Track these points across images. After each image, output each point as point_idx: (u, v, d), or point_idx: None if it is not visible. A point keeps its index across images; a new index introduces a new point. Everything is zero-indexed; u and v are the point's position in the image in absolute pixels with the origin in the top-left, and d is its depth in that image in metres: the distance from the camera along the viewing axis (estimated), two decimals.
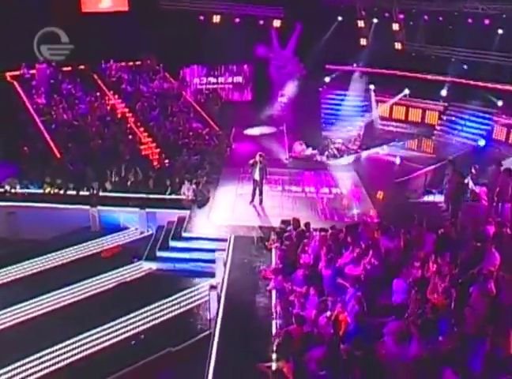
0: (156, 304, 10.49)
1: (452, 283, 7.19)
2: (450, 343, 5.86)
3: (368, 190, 14.76)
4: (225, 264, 10.65)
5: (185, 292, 10.81)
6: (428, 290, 7.32)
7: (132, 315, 10.09)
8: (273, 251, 10.43)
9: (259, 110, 21.91)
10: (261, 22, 22.23)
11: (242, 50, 21.29)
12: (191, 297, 10.75)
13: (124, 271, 11.96)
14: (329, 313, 7.33)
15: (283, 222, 11.02)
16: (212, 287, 9.92)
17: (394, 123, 21.68)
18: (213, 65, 23.35)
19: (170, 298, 10.68)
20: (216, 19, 20.98)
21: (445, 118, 20.65)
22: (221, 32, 20.69)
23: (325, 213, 13.02)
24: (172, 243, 12.36)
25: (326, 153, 18.45)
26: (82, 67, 19.71)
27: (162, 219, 13.48)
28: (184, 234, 12.48)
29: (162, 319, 10.23)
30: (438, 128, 20.49)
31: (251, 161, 13.37)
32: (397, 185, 15.13)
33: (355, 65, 22.52)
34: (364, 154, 18.55)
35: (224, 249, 11.21)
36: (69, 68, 19.28)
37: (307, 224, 10.49)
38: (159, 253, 12.18)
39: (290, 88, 23.23)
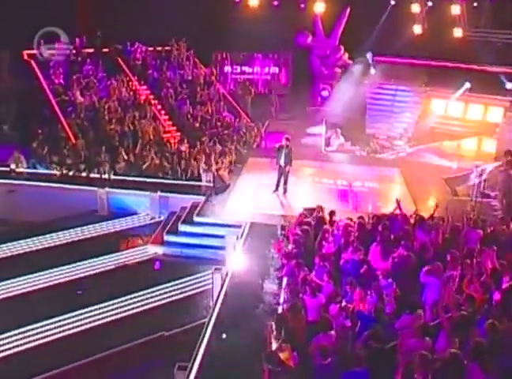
0: (155, 288, 10.89)
1: (493, 278, 7.36)
2: (482, 339, 5.84)
3: (411, 187, 14.82)
4: (235, 249, 10.89)
5: (187, 279, 11.16)
6: (465, 283, 7.49)
7: (126, 298, 10.50)
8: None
9: (297, 103, 21.98)
10: (303, 6, 21.88)
11: (281, 38, 21.24)
12: (193, 284, 11.12)
13: (127, 254, 12.42)
14: (344, 304, 7.42)
15: (305, 209, 11.05)
16: (217, 270, 10.08)
17: (451, 121, 21.09)
18: (248, 53, 23.80)
19: (169, 284, 11.07)
20: (253, 2, 21.28)
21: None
22: (258, 17, 20.55)
23: (357, 206, 13.13)
24: (182, 228, 12.74)
25: (367, 148, 18.66)
26: (106, 50, 20.32)
27: (175, 205, 13.86)
28: (196, 219, 12.84)
29: (159, 303, 10.61)
30: (502, 126, 19.69)
31: (277, 145, 13.66)
32: (446, 182, 15.12)
33: (405, 55, 22.09)
34: (410, 150, 18.52)
35: (236, 235, 11.57)
36: (92, 49, 20.03)
37: (332, 212, 10.51)
38: (166, 237, 12.57)
39: (333, 81, 23.30)
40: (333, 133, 19.53)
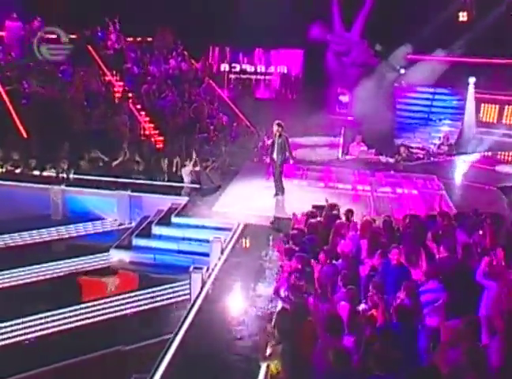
0: (116, 298, 10.75)
1: None
2: None
3: (454, 196, 15.06)
4: (223, 250, 10.99)
5: (158, 288, 11.02)
6: None
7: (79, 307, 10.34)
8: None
9: (310, 109, 21.76)
10: None
11: (291, 31, 21.70)
12: (166, 293, 10.99)
13: (83, 261, 12.15)
14: (362, 306, 7.47)
15: (314, 207, 11.19)
16: (196, 269, 9.93)
17: (502, 130, 21.23)
18: (250, 48, 24.29)
19: (137, 293, 10.92)
20: None
21: None
22: (263, 5, 20.87)
23: (378, 211, 13.31)
24: (156, 230, 12.66)
25: (397, 156, 18.83)
26: (73, 36, 20.58)
27: (150, 208, 13.91)
28: (174, 220, 12.86)
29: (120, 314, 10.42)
30: None
31: (270, 140, 14.16)
32: (502, 191, 15.17)
33: (445, 51, 22.53)
34: (451, 158, 18.89)
35: (225, 239, 11.60)
36: (54, 36, 20.16)
37: (350, 211, 10.55)
38: (136, 241, 12.45)
39: (354, 83, 23.51)
40: (352, 140, 19.88)
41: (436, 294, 7.55)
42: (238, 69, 24.53)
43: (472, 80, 22.14)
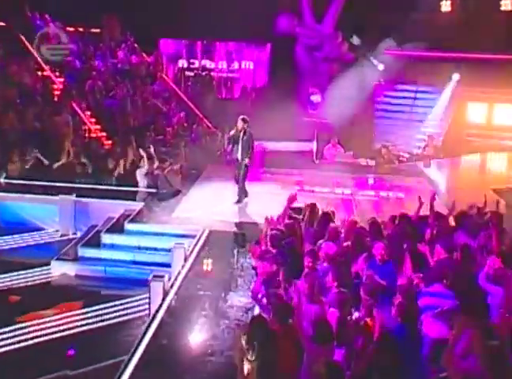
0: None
1: None
2: None
3: (446, 199, 14.80)
4: (187, 258, 10.96)
5: (107, 305, 10.66)
6: None
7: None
8: None
9: (278, 110, 21.36)
10: None
11: (256, 22, 21.69)
12: (121, 308, 10.68)
13: (19, 276, 11.69)
14: (356, 315, 7.51)
15: (292, 209, 11.14)
16: (157, 278, 9.71)
17: (496, 132, 21.71)
18: (210, 41, 24.27)
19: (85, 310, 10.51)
20: None
21: None
22: None
23: (362, 215, 13.11)
24: (107, 238, 12.48)
25: (377, 159, 19.00)
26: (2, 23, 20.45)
27: (99, 215, 13.68)
28: (128, 227, 12.78)
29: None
30: None
31: (232, 131, 14.09)
32: (497, 194, 15.03)
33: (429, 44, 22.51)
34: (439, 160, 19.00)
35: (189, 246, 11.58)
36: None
37: (331, 213, 10.59)
38: (83, 252, 12.17)
39: (327, 81, 23.57)
40: (326, 143, 19.95)
41: (438, 299, 7.58)
42: (196, 65, 24.45)
43: (455, 76, 22.52)
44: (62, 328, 9.95)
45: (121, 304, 10.64)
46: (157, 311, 8.91)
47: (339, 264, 8.65)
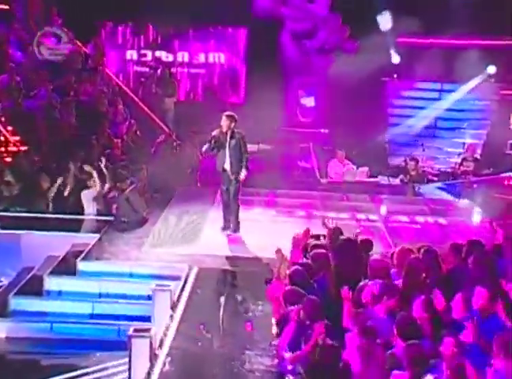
0: None
1: None
2: None
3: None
4: (174, 307, 10.82)
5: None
6: None
7: None
8: None
9: (259, 118, 21.40)
10: None
11: (228, 0, 21.86)
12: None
13: None
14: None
15: (312, 236, 11.83)
16: (138, 332, 9.39)
17: None
18: (166, 27, 23.86)
19: None
20: None
21: None
22: None
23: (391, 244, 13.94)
24: (53, 283, 12.28)
25: (401, 177, 19.28)
26: None
27: (34, 253, 13.57)
28: (82, 267, 12.59)
29: None
30: None
31: (214, 132, 14.04)
32: None
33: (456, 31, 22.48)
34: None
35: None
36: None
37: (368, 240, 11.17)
38: (16, 304, 11.93)
39: (322, 78, 23.47)
40: (329, 158, 20.35)
41: None
42: (149, 57, 24.11)
43: (491, 69, 22.63)
44: None
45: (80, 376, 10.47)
46: None
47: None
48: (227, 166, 13.78)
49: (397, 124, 23.23)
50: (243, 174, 13.82)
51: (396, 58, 23.08)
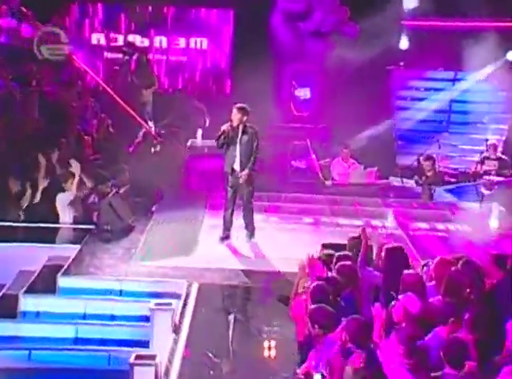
0: None
1: None
2: None
3: None
4: (176, 330, 10.79)
5: None
6: None
7: None
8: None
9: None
10: None
11: None
12: None
13: None
14: None
15: (325, 246, 12.03)
16: (141, 359, 9.38)
17: None
18: (141, 7, 23.89)
19: None
20: None
21: None
22: None
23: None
24: (29, 303, 12.14)
25: (416, 178, 19.36)
26: None
27: (3, 269, 13.56)
28: (63, 283, 12.49)
29: None
30: None
31: (224, 126, 14.09)
32: None
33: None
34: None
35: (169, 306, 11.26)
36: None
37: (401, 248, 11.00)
38: None
39: (319, 65, 23.45)
40: (332, 157, 20.46)
41: None
42: (120, 41, 24.01)
43: (510, 55, 22.74)
44: None
45: None
46: None
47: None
48: (236, 166, 13.82)
49: (404, 118, 23.33)
50: (245, 173, 13.75)
51: (404, 43, 23.13)
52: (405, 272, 9.84)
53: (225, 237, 14.14)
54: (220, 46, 24.61)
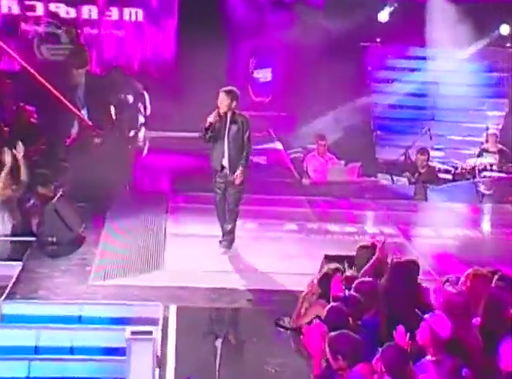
0: None
1: None
2: None
3: None
4: (161, 365, 10.63)
5: None
6: None
7: None
8: None
9: (194, 96, 22.00)
10: None
11: None
12: None
13: None
14: None
15: (328, 258, 12.30)
16: None
17: None
18: None
19: None
20: None
21: None
22: None
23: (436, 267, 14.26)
24: None
25: (408, 175, 19.61)
26: None
27: None
28: (7, 310, 12.34)
29: None
30: None
31: (210, 117, 14.07)
32: None
33: None
34: None
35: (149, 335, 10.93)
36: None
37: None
38: None
39: (280, 43, 23.51)
40: (306, 152, 20.67)
41: None
42: (39, 11, 23.73)
43: (505, 29, 23.11)
44: None
45: None
46: None
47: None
48: (225, 162, 13.86)
49: (383, 104, 23.66)
50: (239, 172, 13.75)
51: (384, 15, 23.36)
52: (453, 291, 9.64)
53: (227, 245, 14.19)
54: (161, 19, 24.55)
